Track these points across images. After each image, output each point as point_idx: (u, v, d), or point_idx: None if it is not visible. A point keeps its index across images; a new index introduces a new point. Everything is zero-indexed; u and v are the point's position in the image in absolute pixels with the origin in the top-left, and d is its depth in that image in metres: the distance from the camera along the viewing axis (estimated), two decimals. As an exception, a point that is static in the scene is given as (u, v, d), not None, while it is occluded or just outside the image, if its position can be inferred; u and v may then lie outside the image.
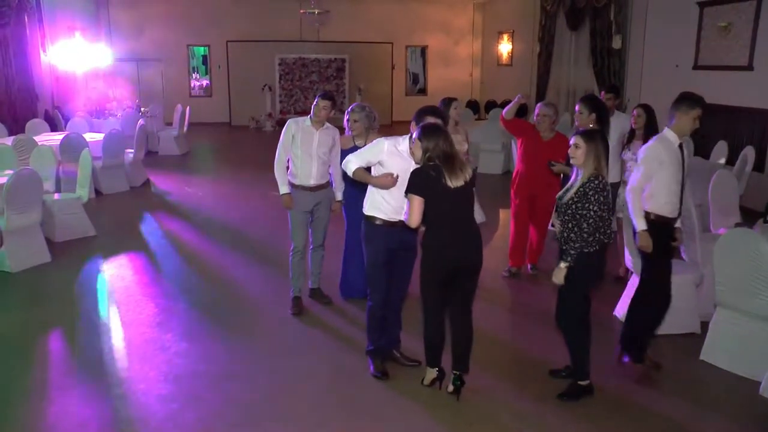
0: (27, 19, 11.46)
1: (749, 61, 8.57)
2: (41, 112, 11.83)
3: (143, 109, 13.26)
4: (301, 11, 15.86)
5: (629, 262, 5.02)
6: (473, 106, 17.15)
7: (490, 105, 16.40)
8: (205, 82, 18.36)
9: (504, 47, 17.24)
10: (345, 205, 5.16)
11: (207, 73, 18.28)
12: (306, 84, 17.94)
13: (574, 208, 3.68)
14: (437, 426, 3.67)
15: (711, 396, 4.05)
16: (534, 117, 5.79)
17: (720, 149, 8.31)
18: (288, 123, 5.00)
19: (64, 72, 12.94)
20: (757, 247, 4.03)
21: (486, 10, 18.75)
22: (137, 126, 10.09)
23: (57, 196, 7.17)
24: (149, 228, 7.85)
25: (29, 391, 4.00)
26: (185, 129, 13.28)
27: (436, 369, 3.95)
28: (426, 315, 3.88)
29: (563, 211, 3.75)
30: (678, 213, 4.15)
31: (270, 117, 17.42)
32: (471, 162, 5.21)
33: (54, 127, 11.28)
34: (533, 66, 14.61)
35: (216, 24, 17.50)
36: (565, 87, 13.54)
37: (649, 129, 5.53)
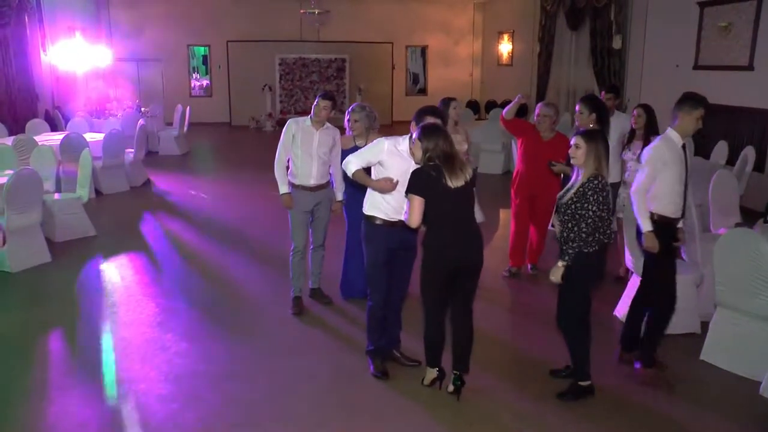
0: (27, 19, 11.46)
1: (749, 61, 8.57)
2: (41, 112, 11.84)
3: (143, 109, 13.27)
4: (302, 11, 15.87)
5: (629, 262, 5.02)
6: (473, 106, 17.14)
7: (490, 105, 16.40)
8: (206, 82, 18.37)
9: (504, 47, 17.24)
10: (346, 205, 5.16)
11: (207, 73, 18.29)
12: (306, 84, 17.95)
13: (573, 208, 3.68)
14: (437, 426, 3.68)
15: (711, 396, 4.05)
16: (534, 117, 5.79)
17: (720, 149, 8.30)
18: (288, 123, 5.00)
19: (64, 72, 12.94)
20: (757, 247, 4.04)
21: (486, 10, 18.75)
22: (137, 126, 10.10)
23: (57, 196, 7.17)
24: (149, 228, 7.85)
25: (29, 391, 4.00)
26: (185, 129, 13.29)
27: (436, 369, 3.95)
28: (426, 315, 3.89)
29: (563, 211, 3.75)
30: (681, 213, 4.15)
31: (270, 117, 17.42)
32: (471, 162, 5.21)
33: (54, 127, 11.29)
34: (533, 66, 14.62)
35: (216, 24, 17.51)
36: (565, 87, 13.54)
37: (649, 129, 5.54)
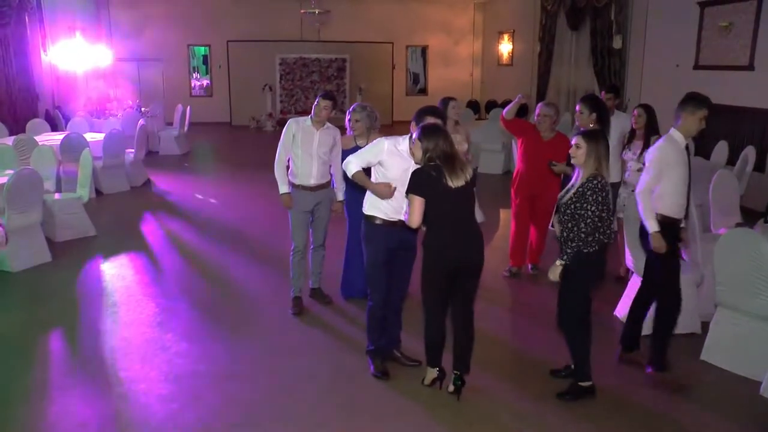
0: (27, 19, 11.48)
1: (750, 61, 8.56)
2: (42, 112, 11.84)
3: (144, 109, 13.27)
4: (302, 11, 15.87)
5: (630, 262, 5.02)
6: (474, 106, 17.14)
7: (490, 105, 16.39)
8: (206, 81, 18.37)
9: (504, 47, 17.24)
10: (347, 205, 5.16)
11: (207, 73, 18.30)
12: (307, 84, 17.95)
13: (573, 208, 3.68)
14: (437, 426, 3.67)
15: (711, 396, 4.04)
16: (535, 117, 5.79)
17: (721, 149, 8.30)
18: (289, 123, 5.00)
19: (64, 72, 12.95)
20: (758, 247, 4.03)
21: (486, 9, 18.75)
22: (138, 126, 10.10)
23: (57, 195, 7.17)
24: (150, 228, 7.85)
25: (30, 391, 4.00)
26: (186, 129, 13.29)
27: (436, 369, 3.95)
28: (427, 315, 3.88)
29: (562, 211, 3.75)
30: (685, 214, 4.14)
31: (270, 117, 17.42)
32: (471, 162, 5.21)
33: (54, 127, 11.30)
34: (534, 66, 14.61)
35: (216, 24, 17.51)
36: (566, 87, 13.53)
37: (650, 129, 5.54)
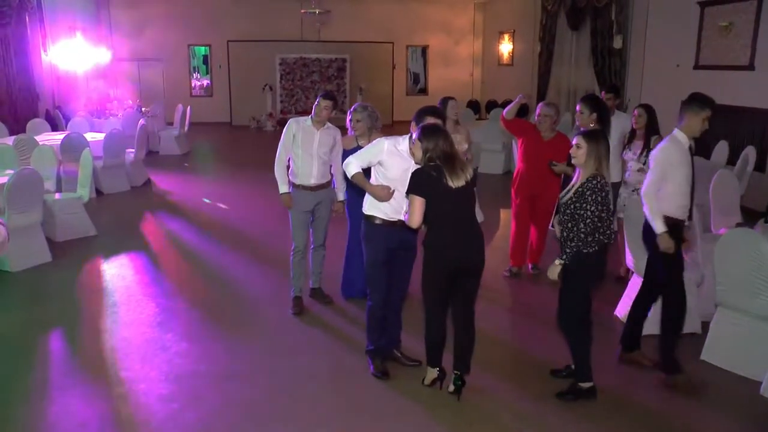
0: (28, 19, 11.48)
1: (750, 61, 8.56)
2: (42, 111, 11.85)
3: (144, 109, 13.27)
4: (302, 11, 15.86)
5: (630, 262, 5.01)
6: (474, 106, 17.14)
7: (490, 105, 16.39)
8: (206, 81, 18.37)
9: (505, 47, 17.24)
10: (348, 205, 5.16)
11: (208, 73, 18.30)
12: (307, 84, 17.94)
13: (572, 208, 3.68)
14: (438, 426, 3.67)
15: (711, 396, 4.04)
16: (535, 117, 5.79)
17: (721, 149, 8.30)
18: (289, 122, 5.01)
19: (65, 72, 12.95)
20: (758, 247, 4.03)
21: (487, 9, 18.75)
22: (138, 126, 10.10)
23: (58, 195, 7.17)
24: (150, 228, 7.85)
25: (30, 391, 4.00)
26: (186, 129, 13.29)
27: (437, 369, 3.95)
28: (427, 315, 3.88)
29: (562, 211, 3.75)
30: (689, 215, 4.13)
31: (271, 117, 17.42)
32: (471, 162, 5.20)
33: (55, 127, 11.30)
34: (534, 66, 14.61)
35: (217, 24, 17.51)
36: (566, 87, 13.53)
37: (650, 129, 5.54)
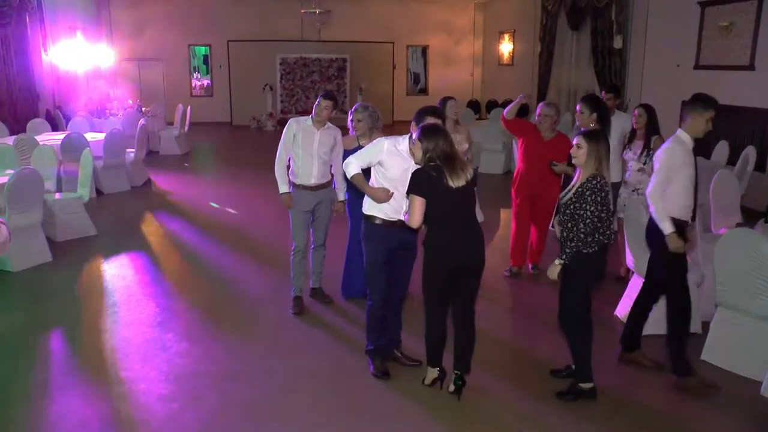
0: (28, 19, 11.48)
1: (750, 61, 8.56)
2: (42, 111, 11.85)
3: (144, 109, 13.27)
4: (303, 11, 15.86)
5: (630, 262, 5.01)
6: (474, 105, 17.13)
7: (491, 105, 16.39)
8: (206, 81, 18.37)
9: (505, 47, 17.23)
10: (348, 205, 5.16)
11: (208, 73, 18.30)
12: (307, 84, 17.95)
13: (572, 208, 3.68)
14: (438, 426, 3.67)
15: (711, 396, 4.03)
16: (536, 117, 5.79)
17: (721, 149, 8.29)
18: (289, 122, 5.01)
19: (65, 72, 12.95)
20: (758, 247, 4.03)
21: (487, 9, 18.74)
22: (138, 125, 10.11)
23: (58, 195, 7.17)
24: (150, 227, 7.85)
25: (30, 391, 4.01)
26: (186, 128, 13.29)
27: (437, 369, 3.95)
28: (428, 315, 3.88)
29: (562, 211, 3.75)
30: (693, 216, 4.11)
31: (271, 117, 17.42)
32: (471, 161, 5.20)
33: (55, 127, 11.30)
34: (534, 66, 14.61)
35: (217, 24, 17.52)
36: (566, 87, 13.53)
37: (650, 129, 5.54)
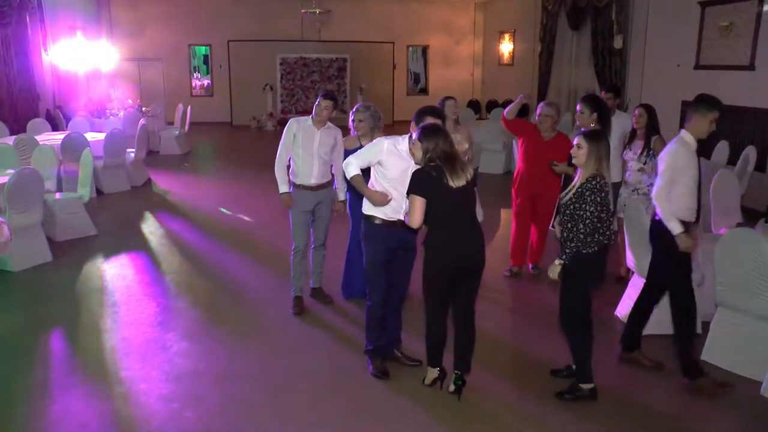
0: (28, 19, 11.48)
1: (751, 61, 8.56)
2: (42, 111, 11.85)
3: (145, 109, 13.27)
4: (303, 11, 15.85)
5: (631, 262, 5.01)
6: (474, 105, 17.12)
7: (491, 105, 16.38)
8: (207, 81, 18.37)
9: (505, 47, 17.23)
10: (349, 205, 5.16)
11: (208, 73, 18.30)
12: (307, 84, 17.94)
13: (572, 208, 3.68)
14: (438, 426, 3.68)
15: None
16: (536, 117, 5.79)
17: (721, 149, 8.30)
18: (290, 122, 5.01)
19: (65, 71, 12.95)
20: (758, 247, 4.03)
21: (487, 9, 18.74)
22: (138, 125, 10.11)
23: (58, 195, 7.17)
24: (150, 227, 7.85)
25: (30, 391, 4.01)
26: (186, 128, 13.29)
27: (437, 369, 3.95)
28: (428, 315, 3.89)
29: (562, 212, 3.75)
30: (696, 217, 4.10)
31: (271, 117, 17.42)
32: (471, 162, 5.19)
33: (55, 127, 11.31)
34: (534, 66, 14.60)
35: (217, 24, 17.52)
36: (566, 87, 13.52)
37: (651, 129, 5.54)
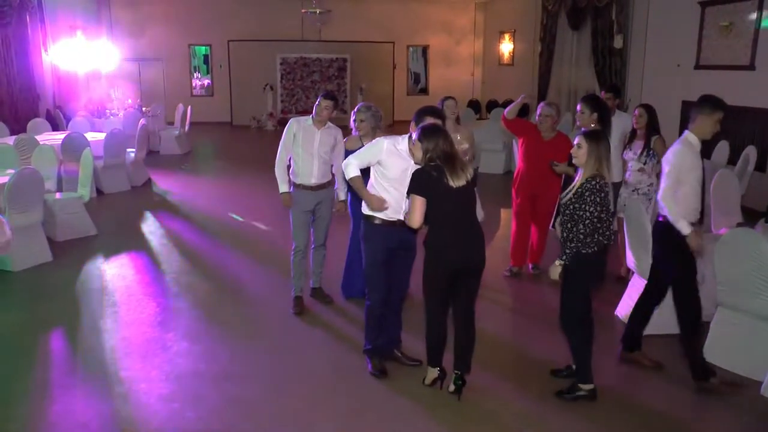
0: (29, 19, 11.49)
1: (751, 61, 8.56)
2: (43, 111, 11.86)
3: (145, 109, 13.27)
4: (303, 11, 15.86)
5: (631, 262, 5.01)
6: (475, 105, 17.13)
7: (491, 105, 16.38)
8: (207, 81, 18.38)
9: (505, 47, 17.23)
10: (351, 205, 5.16)
11: (208, 73, 18.31)
12: (307, 83, 17.94)
13: (572, 208, 3.68)
14: (438, 425, 3.68)
15: (711, 396, 4.03)
16: (536, 117, 5.79)
17: (721, 149, 8.30)
18: (290, 122, 5.01)
19: (65, 71, 12.95)
20: (759, 247, 4.03)
21: (487, 9, 18.74)
22: (138, 125, 10.11)
23: (58, 195, 7.17)
24: (150, 227, 7.85)
25: (30, 391, 4.01)
26: (186, 128, 13.29)
27: (437, 368, 3.95)
28: (428, 314, 3.89)
29: (562, 212, 3.75)
30: (700, 218, 4.09)
31: (271, 116, 17.42)
32: (472, 162, 5.20)
33: (55, 127, 11.31)
34: (534, 66, 14.60)
35: (217, 23, 17.53)
36: (567, 87, 13.52)
37: (651, 129, 5.54)
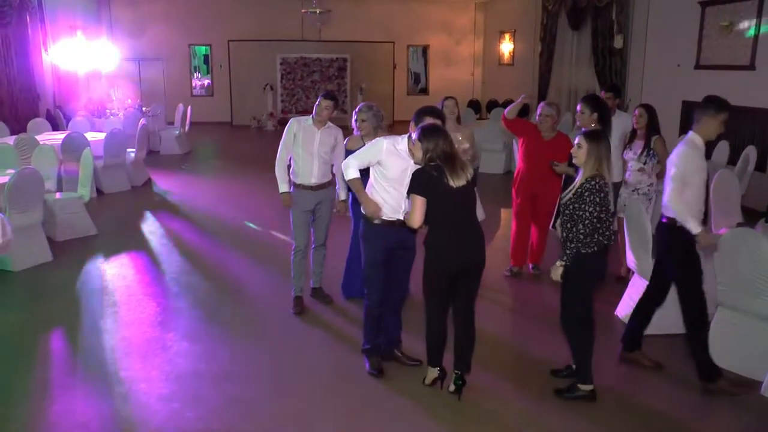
0: (29, 19, 11.49)
1: (751, 61, 8.56)
2: (43, 111, 11.86)
3: (145, 109, 13.28)
4: (303, 11, 15.86)
5: (631, 262, 5.01)
6: (475, 105, 17.13)
7: (491, 104, 16.39)
8: (207, 81, 18.38)
9: (505, 47, 17.23)
10: (351, 205, 5.16)
11: (208, 73, 18.31)
12: (307, 83, 17.94)
13: (572, 208, 3.68)
14: (438, 425, 3.68)
15: (711, 396, 4.03)
16: (536, 117, 5.79)
17: (721, 149, 8.30)
18: (290, 122, 5.02)
19: (65, 71, 12.95)
20: (759, 247, 4.02)
21: (487, 9, 18.75)
22: (139, 125, 10.11)
23: (58, 195, 7.17)
24: (150, 227, 7.85)
25: (30, 391, 4.01)
26: (187, 128, 13.29)
27: (437, 368, 3.95)
28: (428, 314, 3.89)
29: (563, 212, 3.76)
30: (703, 219, 4.08)
31: (271, 116, 17.42)
32: (473, 162, 5.19)
33: (55, 127, 11.32)
34: (535, 65, 14.60)
35: (218, 23, 17.53)
36: (567, 86, 13.52)
37: (651, 129, 5.54)
